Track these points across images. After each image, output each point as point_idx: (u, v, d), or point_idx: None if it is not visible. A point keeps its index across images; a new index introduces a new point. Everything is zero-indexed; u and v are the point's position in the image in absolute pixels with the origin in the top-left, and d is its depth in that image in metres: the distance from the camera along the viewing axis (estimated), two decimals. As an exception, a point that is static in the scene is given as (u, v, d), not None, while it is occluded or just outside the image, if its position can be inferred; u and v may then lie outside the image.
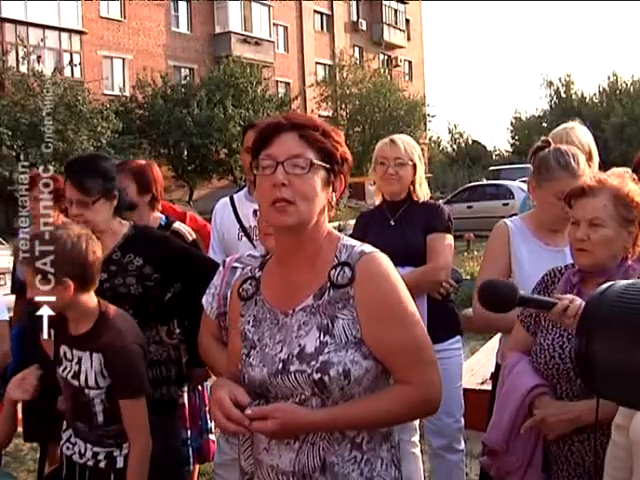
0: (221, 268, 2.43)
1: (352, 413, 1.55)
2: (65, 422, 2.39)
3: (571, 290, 2.12)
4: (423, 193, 3.25)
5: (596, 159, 3.14)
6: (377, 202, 3.39)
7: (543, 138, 2.70)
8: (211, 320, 2.38)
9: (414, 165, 3.20)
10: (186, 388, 3.18)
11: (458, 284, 3.24)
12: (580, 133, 3.14)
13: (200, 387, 3.34)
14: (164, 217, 3.49)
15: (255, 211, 2.57)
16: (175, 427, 2.87)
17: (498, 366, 2.75)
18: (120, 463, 2.24)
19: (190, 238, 3.39)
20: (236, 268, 2.39)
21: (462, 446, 3.22)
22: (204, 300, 2.40)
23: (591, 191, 2.07)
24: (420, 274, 3.01)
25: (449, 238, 3.16)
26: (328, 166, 1.60)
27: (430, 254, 3.09)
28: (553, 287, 2.19)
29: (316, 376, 1.53)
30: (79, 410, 2.26)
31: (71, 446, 2.31)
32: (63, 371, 2.28)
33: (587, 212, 2.06)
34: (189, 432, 3.29)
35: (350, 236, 3.25)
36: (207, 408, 3.34)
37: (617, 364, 1.05)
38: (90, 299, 2.27)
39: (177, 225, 3.44)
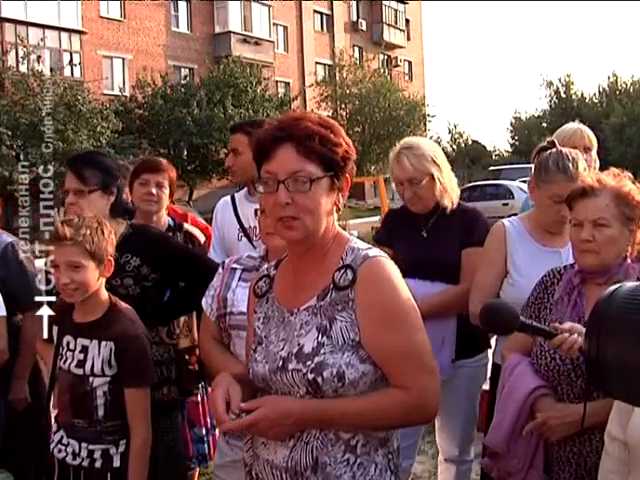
0: (220, 269, 2.42)
1: (343, 407, 1.55)
2: (55, 424, 2.37)
3: (572, 291, 2.12)
4: (452, 198, 2.96)
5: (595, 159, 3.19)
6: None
7: (549, 139, 2.69)
8: (211, 322, 2.37)
9: (432, 175, 2.90)
10: (200, 386, 3.20)
11: None
12: (590, 133, 3.22)
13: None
14: (170, 219, 3.49)
15: (256, 210, 2.55)
16: (176, 427, 2.87)
17: (495, 366, 2.75)
18: (117, 462, 2.24)
19: (202, 239, 3.41)
20: (235, 269, 2.38)
21: (471, 456, 3.16)
22: (203, 302, 2.39)
23: (592, 191, 2.06)
24: (452, 297, 2.79)
25: None
26: (331, 174, 1.59)
27: (464, 272, 2.85)
28: (553, 288, 2.19)
29: (310, 376, 1.55)
30: (78, 404, 2.25)
31: (63, 447, 2.29)
32: (64, 362, 2.29)
33: (590, 213, 2.05)
34: (203, 429, 3.32)
35: (375, 236, 3.18)
36: None
37: (628, 364, 1.05)
38: (103, 288, 2.34)
39: (187, 226, 3.45)
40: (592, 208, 2.06)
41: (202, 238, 3.44)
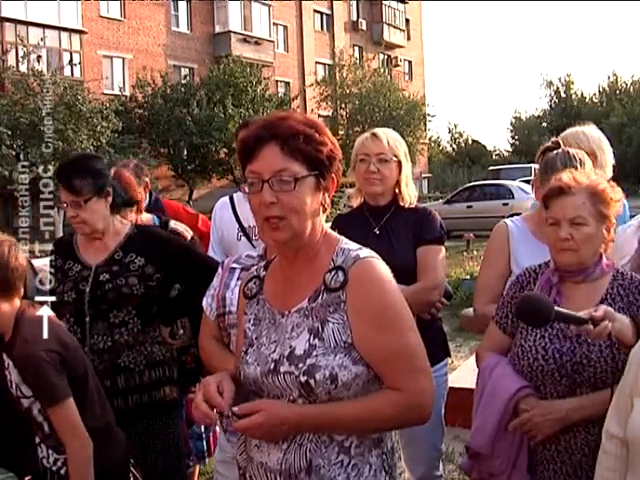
0: (220, 269, 2.42)
1: (339, 411, 1.55)
2: None
3: (550, 290, 2.13)
4: (410, 195, 2.92)
5: (608, 161, 3.11)
6: (355, 204, 3.02)
7: (553, 139, 2.71)
8: (211, 321, 2.38)
9: (399, 162, 2.87)
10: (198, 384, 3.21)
11: (449, 300, 2.98)
12: (591, 134, 3.12)
13: None
14: (156, 217, 3.49)
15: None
16: (178, 427, 2.87)
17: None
18: None
19: (188, 236, 3.40)
20: (235, 269, 2.39)
21: (440, 471, 3.05)
22: (204, 302, 2.40)
23: (569, 190, 2.08)
24: (411, 294, 2.50)
25: (442, 250, 2.84)
26: (315, 173, 1.58)
27: (422, 270, 2.75)
28: (529, 287, 2.20)
29: (303, 379, 1.54)
30: (30, 419, 2.25)
31: (41, 451, 2.32)
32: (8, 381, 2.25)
33: (568, 211, 2.07)
34: (202, 427, 3.32)
35: None
36: None
37: None
38: (10, 307, 2.22)
39: (174, 224, 3.45)
40: (569, 207, 2.07)
41: (188, 235, 3.43)
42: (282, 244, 1.61)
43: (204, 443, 3.39)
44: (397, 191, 2.91)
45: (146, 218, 3.42)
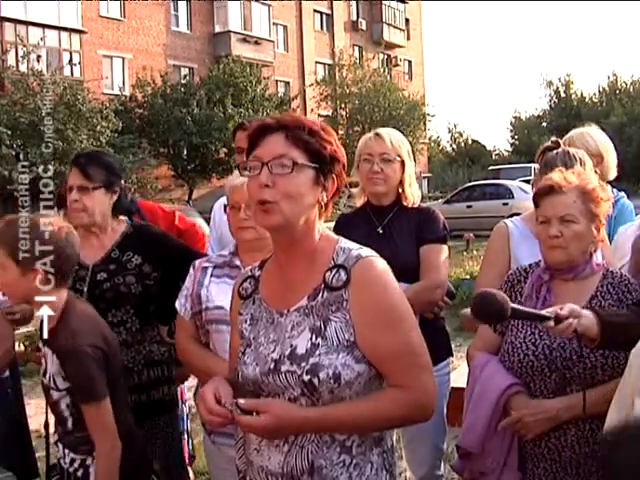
0: (191, 270, 2.43)
1: (343, 412, 1.55)
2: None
3: (540, 288, 2.15)
4: (413, 194, 2.93)
5: (612, 162, 3.14)
6: (359, 204, 3.01)
7: (553, 139, 2.73)
8: (186, 322, 2.38)
9: (402, 162, 2.88)
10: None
11: (451, 300, 2.98)
12: (598, 137, 3.15)
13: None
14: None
15: (225, 206, 2.52)
16: (176, 426, 2.87)
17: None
18: (94, 475, 2.18)
19: None
20: (207, 268, 2.41)
21: (442, 471, 3.05)
22: (177, 304, 2.41)
23: (559, 188, 2.11)
24: (413, 294, 2.52)
25: (445, 250, 2.85)
26: (316, 165, 1.59)
27: (424, 269, 2.78)
28: (520, 286, 2.22)
29: (306, 377, 1.54)
30: (55, 413, 2.22)
31: (57, 450, 2.29)
32: (43, 369, 2.22)
33: (558, 209, 2.10)
34: None
35: None
36: (186, 408, 3.34)
37: None
38: (57, 296, 2.17)
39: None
40: (559, 205, 2.10)
41: None
42: (273, 231, 1.62)
43: None
44: (400, 191, 2.92)
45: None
